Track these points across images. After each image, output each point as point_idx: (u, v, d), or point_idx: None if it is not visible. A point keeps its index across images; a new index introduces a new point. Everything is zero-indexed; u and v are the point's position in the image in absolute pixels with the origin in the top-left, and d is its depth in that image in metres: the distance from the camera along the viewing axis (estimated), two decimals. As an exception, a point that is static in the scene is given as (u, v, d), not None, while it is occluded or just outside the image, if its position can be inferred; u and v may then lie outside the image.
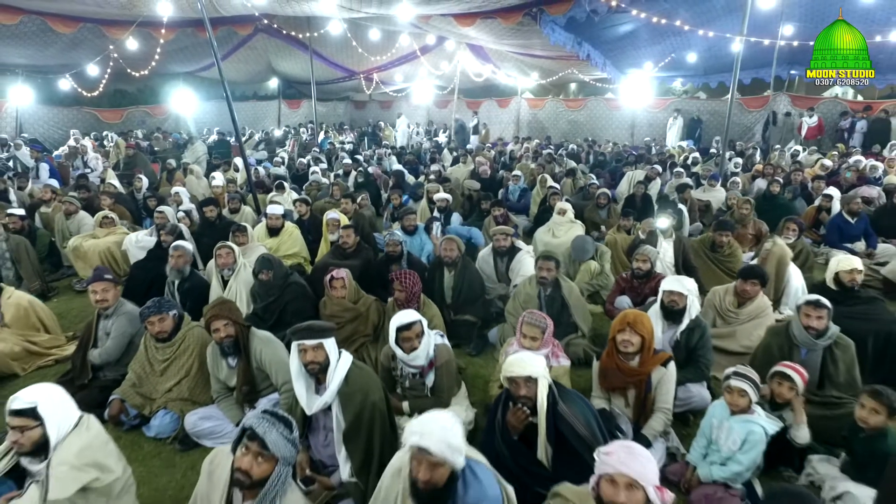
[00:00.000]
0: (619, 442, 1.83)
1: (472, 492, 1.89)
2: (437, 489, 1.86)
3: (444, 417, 1.90)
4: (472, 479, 1.92)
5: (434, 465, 1.83)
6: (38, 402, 2.08)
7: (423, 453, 1.82)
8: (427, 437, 1.81)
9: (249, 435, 1.88)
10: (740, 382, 2.56)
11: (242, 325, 3.13)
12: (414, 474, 1.86)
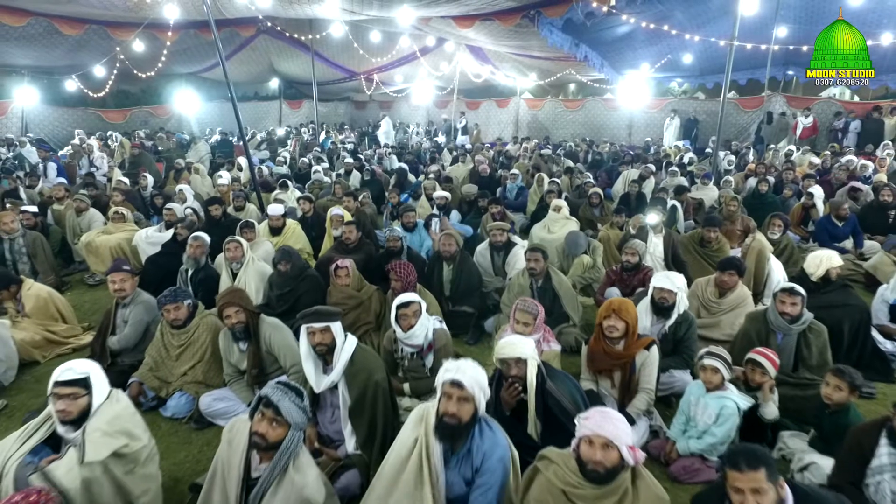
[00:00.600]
0: (597, 408, 2.05)
1: (487, 439, 2.19)
2: (460, 426, 2.14)
3: (474, 364, 2.22)
4: (488, 429, 2.22)
5: (463, 399, 2.14)
6: (89, 372, 2.30)
7: (455, 387, 2.13)
8: (461, 373, 2.14)
9: (265, 403, 2.10)
10: (713, 361, 2.78)
11: (252, 311, 3.35)
12: (442, 410, 2.16)
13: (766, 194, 7.70)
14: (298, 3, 9.50)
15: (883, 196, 6.94)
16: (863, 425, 2.39)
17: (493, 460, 2.19)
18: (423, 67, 17.40)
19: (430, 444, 2.24)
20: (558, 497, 1.99)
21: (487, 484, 2.17)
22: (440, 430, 2.21)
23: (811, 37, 12.65)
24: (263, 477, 2.09)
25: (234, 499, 2.12)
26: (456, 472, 2.26)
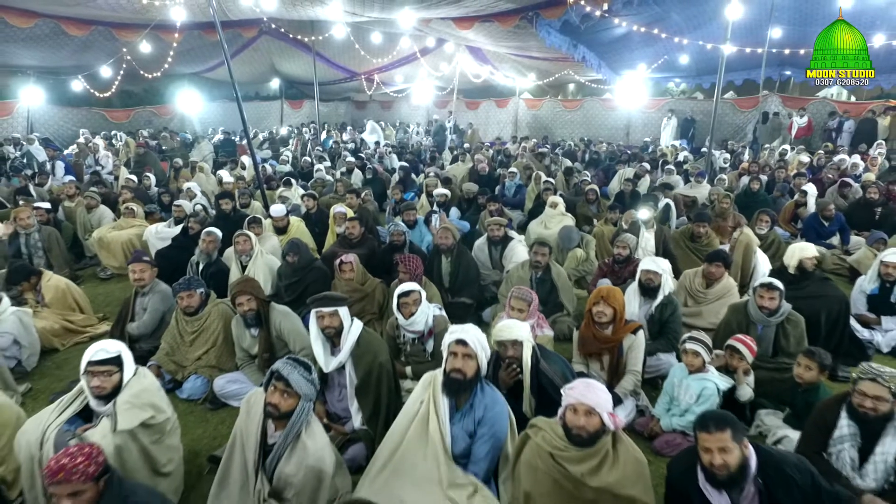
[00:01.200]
0: (581, 379, 2.27)
1: (488, 395, 2.48)
2: (465, 381, 2.42)
3: (476, 327, 2.54)
4: (488, 388, 2.51)
5: (467, 356, 2.42)
6: (120, 351, 2.52)
7: (461, 345, 2.42)
8: (465, 333, 2.45)
9: (276, 376, 2.31)
10: (694, 345, 2.99)
11: (263, 300, 3.56)
12: (449, 367, 2.44)
13: (758, 192, 7.91)
14: (301, 5, 9.70)
15: (869, 193, 7.18)
16: (826, 401, 2.61)
17: (493, 412, 2.45)
18: (424, 68, 17.60)
19: (438, 400, 2.51)
20: (546, 459, 2.21)
21: (488, 434, 2.43)
22: (447, 385, 2.48)
23: (805, 38, 12.90)
24: (278, 443, 2.31)
25: (253, 463, 2.34)
26: (460, 427, 2.49)
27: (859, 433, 2.41)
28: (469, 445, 2.50)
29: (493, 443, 2.45)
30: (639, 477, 2.14)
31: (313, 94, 17.06)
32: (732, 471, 1.99)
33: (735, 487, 2.03)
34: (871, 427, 2.38)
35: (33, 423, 2.48)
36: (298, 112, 22.86)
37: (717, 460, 1.98)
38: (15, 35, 11.74)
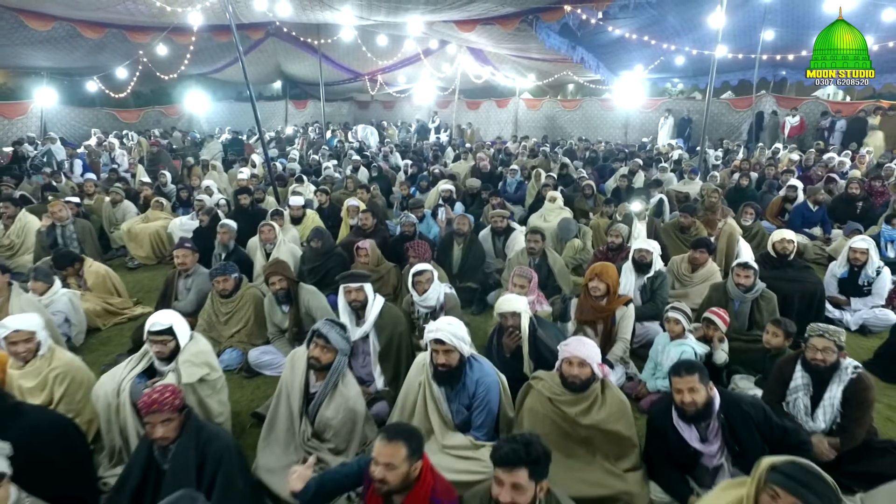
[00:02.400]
0: (574, 337, 2.69)
1: (476, 372, 2.77)
2: (451, 370, 2.71)
3: (450, 319, 2.79)
4: (476, 364, 2.80)
5: (447, 351, 2.69)
6: (172, 323, 2.93)
7: (439, 344, 2.67)
8: (439, 332, 2.67)
9: (318, 334, 2.74)
10: (675, 313, 3.42)
11: (293, 280, 3.98)
12: (435, 361, 2.72)
13: (747, 188, 8.34)
14: (311, 10, 10.12)
15: (851, 189, 7.60)
16: (784, 358, 3.03)
17: (484, 385, 2.77)
18: (426, 68, 18.00)
19: (432, 386, 2.83)
20: (546, 404, 2.63)
21: (482, 405, 2.77)
22: (437, 376, 2.79)
23: (797, 40, 13.33)
24: (319, 391, 2.73)
25: (298, 409, 2.76)
26: (457, 403, 2.86)
27: (811, 383, 2.84)
28: (468, 416, 2.88)
29: (487, 410, 2.77)
30: (622, 415, 2.57)
31: (317, 95, 17.45)
32: (700, 407, 2.41)
33: (702, 421, 2.46)
34: (821, 377, 2.80)
35: (108, 378, 2.91)
36: (302, 112, 23.27)
37: (687, 398, 2.41)
38: (32, 37, 12.15)
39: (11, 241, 6.48)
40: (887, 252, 5.49)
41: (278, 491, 2.61)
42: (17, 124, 15.18)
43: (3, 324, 3.00)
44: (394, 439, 1.95)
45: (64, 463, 2.59)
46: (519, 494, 1.78)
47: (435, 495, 1.99)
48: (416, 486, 1.98)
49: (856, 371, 2.77)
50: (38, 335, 3.07)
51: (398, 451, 1.93)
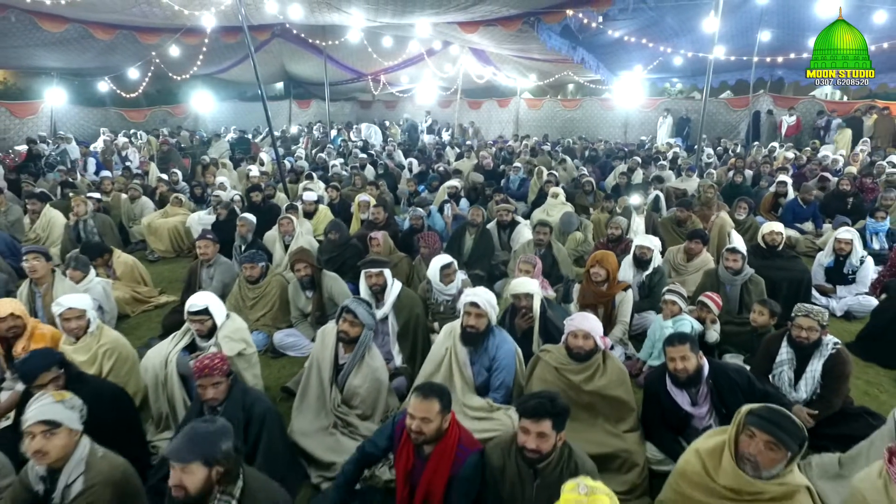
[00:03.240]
0: (579, 313, 2.98)
1: (497, 338, 3.13)
2: (478, 333, 3.05)
3: (485, 289, 3.15)
4: (498, 333, 3.16)
5: (479, 315, 3.03)
6: (208, 304, 3.21)
7: (473, 307, 3.02)
8: (476, 297, 3.04)
9: (347, 310, 3.03)
10: (672, 296, 3.71)
11: (316, 267, 4.27)
12: (465, 323, 3.07)
13: (741, 184, 8.65)
14: (320, 12, 10.40)
15: (842, 185, 7.90)
16: (771, 335, 3.32)
17: (503, 350, 3.12)
18: (429, 69, 18.28)
19: (458, 348, 3.17)
20: (553, 372, 2.92)
21: (501, 367, 3.11)
22: (464, 337, 3.13)
23: (793, 41, 13.60)
24: (348, 362, 3.02)
25: (328, 379, 3.05)
26: (479, 366, 3.18)
27: (795, 358, 3.13)
28: (488, 378, 3.20)
29: (505, 373, 3.12)
30: (621, 382, 2.86)
31: (320, 94, 17.72)
32: (690, 374, 2.70)
33: (692, 387, 2.75)
34: (804, 352, 3.09)
35: (155, 352, 3.20)
36: (306, 111, 23.55)
37: (679, 366, 2.70)
38: (45, 39, 12.43)
39: (37, 234, 6.77)
40: (872, 244, 5.79)
41: (311, 450, 2.90)
42: (28, 123, 15.47)
43: (58, 302, 3.30)
44: (428, 396, 2.24)
45: (120, 427, 2.86)
46: (543, 442, 2.06)
47: (461, 444, 2.28)
48: (445, 437, 2.27)
49: (835, 347, 3.06)
50: (88, 313, 3.37)
51: (433, 406, 2.22)
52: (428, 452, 2.31)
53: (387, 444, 2.47)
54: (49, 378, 2.63)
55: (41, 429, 2.07)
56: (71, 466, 2.12)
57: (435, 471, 2.28)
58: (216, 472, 1.88)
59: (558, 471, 2.12)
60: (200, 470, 1.84)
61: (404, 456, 2.37)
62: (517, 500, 2.18)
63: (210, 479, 1.87)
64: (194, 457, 1.84)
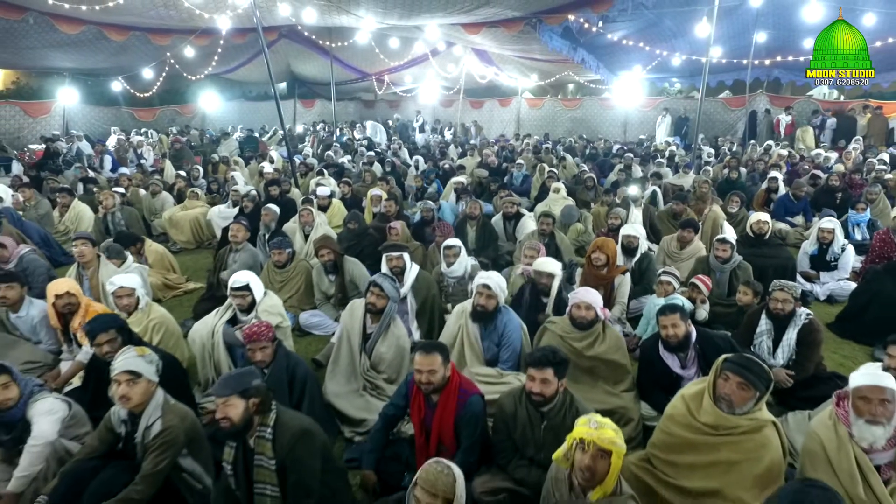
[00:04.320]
0: (582, 287, 3.35)
1: (505, 316, 3.47)
2: (487, 312, 3.40)
3: (497, 274, 3.49)
4: (505, 311, 3.51)
5: (489, 296, 3.38)
6: (249, 281, 3.58)
7: (486, 289, 3.37)
8: (488, 280, 3.40)
9: (374, 284, 3.40)
10: (666, 276, 4.09)
11: (339, 252, 4.65)
12: (476, 302, 3.43)
13: (736, 181, 9.03)
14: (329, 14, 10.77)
15: (831, 181, 8.27)
16: (753, 309, 3.70)
17: (511, 327, 3.47)
18: (432, 69, 18.66)
19: (469, 325, 3.53)
20: (558, 340, 3.30)
21: (509, 342, 3.46)
22: (475, 315, 3.49)
23: (788, 43, 13.97)
24: (375, 332, 3.40)
25: (357, 346, 3.42)
26: (489, 342, 3.55)
27: (773, 328, 3.50)
28: (497, 353, 3.56)
29: (512, 347, 3.46)
30: (619, 348, 3.24)
31: (324, 94, 18.06)
32: (680, 339, 3.08)
33: (682, 351, 3.12)
34: (781, 323, 3.46)
35: (201, 325, 3.58)
36: (310, 111, 23.93)
37: (671, 332, 3.07)
38: (60, 40, 12.79)
39: (66, 226, 7.15)
40: (854, 235, 6.17)
41: (344, 409, 3.27)
42: (41, 122, 15.86)
43: (111, 281, 3.69)
44: (430, 351, 2.60)
45: (173, 389, 3.21)
46: (546, 387, 2.44)
47: (462, 388, 2.65)
48: (448, 384, 2.64)
49: (808, 317, 3.43)
50: (137, 291, 3.74)
51: (435, 359, 2.58)
52: (436, 400, 2.67)
53: (404, 402, 2.83)
54: (106, 339, 2.98)
55: (125, 377, 2.44)
56: (150, 411, 2.49)
57: (442, 414, 2.63)
58: (252, 403, 2.25)
59: (562, 414, 2.49)
60: (239, 402, 2.22)
61: (417, 407, 2.73)
62: (528, 441, 2.55)
63: (248, 410, 2.24)
64: (231, 391, 2.22)
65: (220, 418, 2.19)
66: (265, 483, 2.23)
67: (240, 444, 2.27)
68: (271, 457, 2.21)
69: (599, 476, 2.00)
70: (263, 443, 2.23)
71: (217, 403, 2.20)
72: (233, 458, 2.27)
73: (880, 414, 2.24)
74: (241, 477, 2.26)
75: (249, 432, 2.24)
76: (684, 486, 2.39)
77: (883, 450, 2.28)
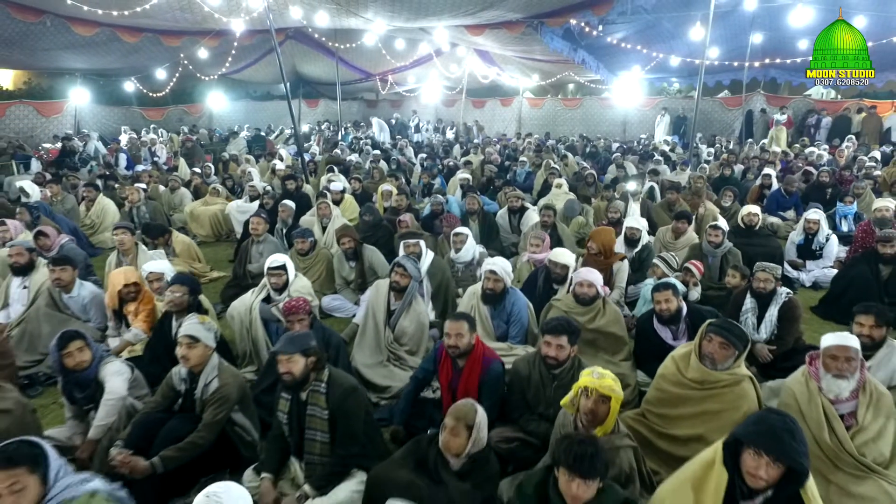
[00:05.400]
0: (584, 267, 3.72)
1: (513, 297, 3.83)
2: (496, 294, 3.76)
3: (503, 259, 3.82)
4: (513, 292, 3.86)
5: (496, 280, 3.73)
6: (284, 261, 3.95)
7: (493, 274, 3.72)
8: (494, 265, 3.74)
9: (398, 265, 3.76)
10: (659, 261, 4.45)
11: (358, 241, 5.01)
12: (485, 286, 3.77)
13: (730, 177, 9.41)
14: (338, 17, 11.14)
15: (821, 177, 8.64)
16: (739, 290, 4.07)
17: (518, 306, 3.82)
18: (436, 69, 19.02)
19: (480, 306, 3.89)
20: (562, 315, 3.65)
21: (517, 319, 3.82)
22: (484, 297, 3.85)
23: (783, 44, 14.33)
24: (399, 308, 3.77)
25: (382, 322, 3.79)
26: (498, 320, 3.90)
27: (757, 306, 3.87)
28: (506, 330, 3.92)
29: (520, 325, 3.82)
30: (617, 321, 3.61)
31: (328, 94, 18.38)
32: (672, 313, 3.44)
33: (673, 324, 3.49)
34: (764, 301, 3.83)
35: (239, 303, 3.95)
36: (314, 111, 24.27)
37: (664, 307, 3.44)
38: (74, 41, 13.15)
39: (92, 220, 7.51)
40: (841, 227, 6.53)
41: (370, 378, 3.63)
42: (53, 122, 16.22)
43: (143, 268, 4.09)
44: (458, 318, 2.97)
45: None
46: (560, 352, 2.81)
47: (486, 355, 3.01)
48: (473, 350, 3.00)
49: (788, 296, 3.80)
50: (166, 275, 4.12)
51: (462, 325, 2.94)
52: (462, 365, 3.03)
53: (433, 367, 3.19)
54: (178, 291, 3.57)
55: (187, 341, 2.80)
56: (208, 371, 2.86)
57: (468, 377, 2.99)
58: (310, 361, 2.61)
59: (570, 375, 2.85)
60: (300, 359, 2.58)
61: (445, 371, 3.10)
62: (540, 399, 2.92)
63: (307, 366, 2.60)
64: (295, 349, 2.57)
65: (284, 372, 2.54)
66: (316, 430, 2.58)
67: (294, 397, 2.62)
68: (324, 408, 2.57)
69: (600, 418, 2.37)
70: (318, 395, 2.59)
71: (281, 359, 2.55)
72: (288, 409, 2.64)
73: (845, 369, 2.61)
74: (294, 425, 2.63)
75: (305, 386, 2.59)
76: (673, 434, 2.76)
77: (846, 400, 2.64)
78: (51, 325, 4.02)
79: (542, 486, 2.04)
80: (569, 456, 1.89)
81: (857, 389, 2.64)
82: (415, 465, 2.32)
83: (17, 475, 1.73)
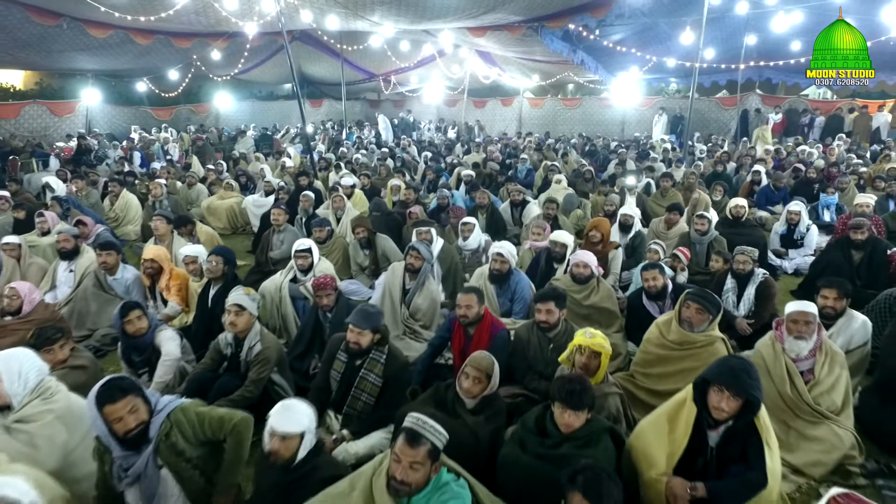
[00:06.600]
0: (580, 250, 4.14)
1: (516, 277, 4.26)
2: (502, 274, 4.18)
3: (508, 243, 4.23)
4: (517, 273, 4.29)
5: (503, 261, 4.15)
6: (310, 245, 4.37)
7: (499, 255, 4.14)
8: (500, 248, 4.16)
9: (412, 248, 4.18)
10: (655, 246, 4.87)
11: (371, 230, 5.43)
12: (492, 267, 4.19)
13: (722, 173, 9.82)
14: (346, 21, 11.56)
15: (809, 174, 9.06)
16: (721, 272, 4.48)
17: (521, 285, 4.25)
18: (438, 69, 19.45)
19: (488, 286, 4.31)
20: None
21: (521, 297, 4.24)
22: (491, 277, 4.28)
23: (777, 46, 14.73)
24: (413, 287, 4.19)
25: (398, 300, 4.21)
26: (504, 298, 4.32)
27: (737, 286, 4.28)
28: (510, 307, 4.34)
29: (524, 300, 4.25)
30: (610, 297, 4.04)
31: (332, 94, 18.76)
32: (659, 289, 3.86)
33: (660, 300, 3.91)
34: (743, 281, 4.25)
35: (269, 282, 4.37)
36: (318, 110, 24.68)
37: (651, 284, 3.86)
38: (88, 43, 13.56)
39: (116, 214, 7.92)
40: (823, 217, 6.94)
41: (389, 350, 4.05)
42: (66, 121, 16.65)
43: (179, 252, 4.51)
44: (468, 292, 3.39)
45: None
46: (550, 315, 3.23)
47: (493, 324, 3.43)
48: (482, 320, 3.41)
49: (764, 276, 4.22)
50: (199, 258, 4.55)
51: (472, 298, 3.36)
52: (472, 333, 3.45)
53: (448, 335, 3.62)
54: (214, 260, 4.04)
55: (235, 309, 3.22)
56: (251, 336, 3.28)
57: (478, 344, 3.40)
58: (377, 336, 3.04)
59: (564, 338, 3.27)
60: (369, 334, 3.01)
61: (457, 338, 3.52)
62: (538, 360, 3.34)
63: (373, 341, 3.03)
64: (368, 325, 3.01)
65: (352, 342, 2.98)
66: (364, 391, 3.03)
67: (350, 361, 3.06)
68: (380, 375, 3.03)
69: (592, 371, 2.78)
70: (376, 363, 3.04)
71: (353, 330, 2.97)
72: (342, 369, 3.09)
73: (805, 332, 3.03)
74: (343, 383, 3.07)
75: (364, 356, 3.02)
76: (656, 389, 3.18)
77: (806, 358, 3.07)
78: (97, 303, 4.45)
79: (541, 419, 2.45)
80: (562, 391, 2.31)
81: (815, 349, 3.06)
82: (435, 406, 2.73)
83: (131, 400, 2.16)
